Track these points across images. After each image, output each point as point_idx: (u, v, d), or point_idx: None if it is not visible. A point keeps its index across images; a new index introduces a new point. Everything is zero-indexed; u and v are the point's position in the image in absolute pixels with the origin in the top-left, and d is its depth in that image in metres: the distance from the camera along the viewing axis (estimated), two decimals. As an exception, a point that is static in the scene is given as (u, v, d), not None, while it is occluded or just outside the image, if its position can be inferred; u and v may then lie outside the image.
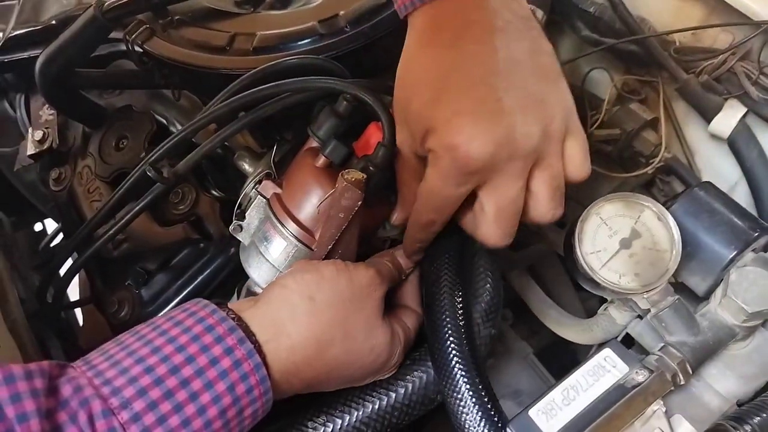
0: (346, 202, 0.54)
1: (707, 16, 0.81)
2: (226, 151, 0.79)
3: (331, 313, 0.53)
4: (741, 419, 0.50)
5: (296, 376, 0.51)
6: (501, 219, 0.51)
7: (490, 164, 0.48)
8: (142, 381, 0.44)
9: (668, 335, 0.54)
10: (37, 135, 0.83)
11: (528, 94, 0.48)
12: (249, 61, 0.66)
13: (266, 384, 0.48)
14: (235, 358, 0.47)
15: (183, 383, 0.44)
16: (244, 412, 0.47)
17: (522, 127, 0.47)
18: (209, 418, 0.45)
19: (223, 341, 0.47)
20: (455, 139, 0.47)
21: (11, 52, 0.84)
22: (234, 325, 0.48)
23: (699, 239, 0.56)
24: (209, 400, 0.45)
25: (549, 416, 0.49)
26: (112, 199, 0.68)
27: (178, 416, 0.43)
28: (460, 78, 0.48)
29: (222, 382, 0.46)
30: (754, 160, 0.78)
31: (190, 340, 0.46)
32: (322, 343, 0.52)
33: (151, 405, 0.43)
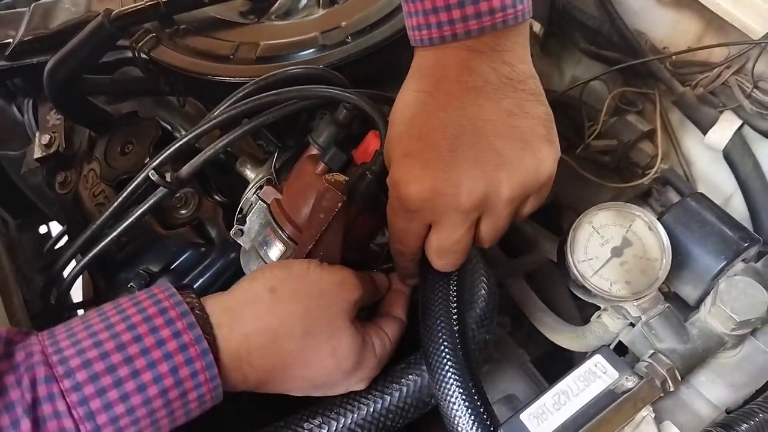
0: (326, 203, 0.56)
1: (703, 30, 0.82)
2: (228, 156, 0.80)
3: (292, 306, 0.53)
4: (729, 426, 0.50)
5: (249, 364, 0.51)
6: (442, 254, 0.55)
7: (431, 208, 0.51)
8: (89, 354, 0.45)
9: (658, 342, 0.55)
10: (44, 139, 0.85)
11: (486, 154, 0.50)
12: (252, 70, 0.68)
13: (213, 370, 0.48)
14: (181, 342, 0.47)
15: (127, 360, 0.45)
16: (188, 395, 0.48)
17: (466, 182, 0.49)
18: (149, 396, 0.46)
19: (173, 324, 0.48)
20: (399, 177, 0.52)
21: (21, 58, 0.85)
22: (186, 309, 0.49)
23: (690, 249, 0.57)
24: (150, 379, 0.46)
25: (540, 420, 0.50)
26: (116, 203, 0.70)
27: (118, 391, 0.45)
28: (424, 123, 0.51)
29: (165, 364, 0.46)
30: (748, 172, 0.79)
31: (142, 321, 0.47)
32: (278, 334, 0.52)
33: (93, 377, 0.44)
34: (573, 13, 0.90)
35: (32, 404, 0.43)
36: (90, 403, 0.44)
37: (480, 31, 0.49)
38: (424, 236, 0.55)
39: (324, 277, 0.56)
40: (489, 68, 0.51)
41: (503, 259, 0.89)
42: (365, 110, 0.59)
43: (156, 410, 0.46)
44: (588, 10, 0.89)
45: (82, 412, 0.44)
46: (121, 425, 0.45)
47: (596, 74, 0.89)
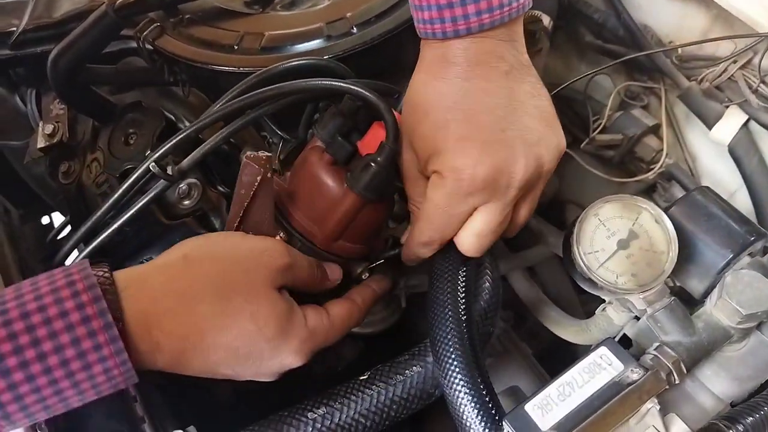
0: (246, 178, 0.56)
1: (710, 24, 0.82)
2: (232, 147, 0.80)
3: (203, 268, 0.52)
4: (734, 419, 0.50)
5: (159, 329, 0.49)
6: (484, 236, 0.57)
7: (491, 188, 0.53)
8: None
9: (663, 335, 0.55)
10: (48, 129, 0.84)
11: (527, 132, 0.54)
12: (256, 60, 0.67)
13: (113, 331, 0.46)
14: (84, 314, 0.45)
15: (29, 328, 0.44)
16: (88, 356, 0.45)
17: (521, 159, 0.53)
18: (49, 365, 0.44)
19: (78, 297, 0.46)
20: (462, 162, 0.53)
21: (24, 48, 0.85)
22: (94, 282, 0.47)
23: (696, 242, 0.57)
24: (51, 348, 0.44)
25: (545, 411, 0.50)
26: (118, 193, 0.69)
27: (17, 357, 0.43)
28: (469, 108, 0.53)
29: (67, 334, 0.45)
30: (754, 167, 0.79)
31: (50, 291, 0.46)
32: (187, 296, 0.50)
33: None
34: (579, 6, 0.89)
35: None
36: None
37: (491, 24, 0.52)
38: (464, 220, 0.57)
39: (244, 243, 0.55)
40: (511, 55, 0.55)
41: (506, 252, 0.89)
42: (370, 101, 0.58)
43: (57, 380, 0.45)
44: (594, 4, 0.89)
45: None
46: (21, 392, 0.44)
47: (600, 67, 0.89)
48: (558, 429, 0.49)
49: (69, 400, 0.47)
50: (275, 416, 0.58)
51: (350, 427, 0.57)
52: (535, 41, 0.75)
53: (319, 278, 0.60)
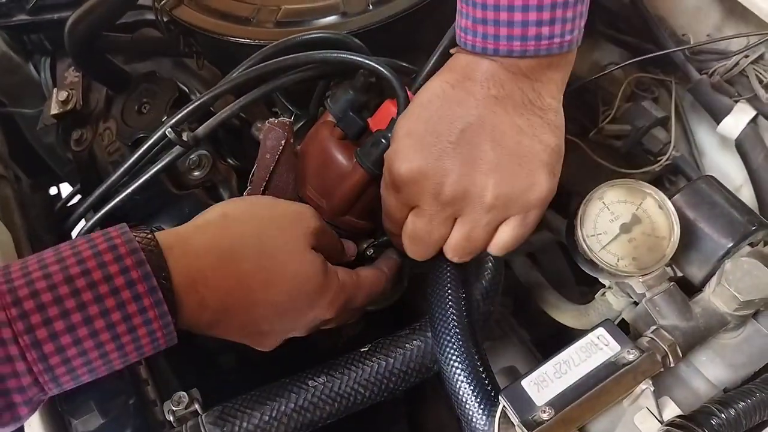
0: (270, 142, 0.58)
1: (724, 18, 0.82)
2: (243, 122, 0.81)
3: (243, 227, 0.54)
4: (726, 403, 0.51)
5: (205, 285, 0.50)
6: (414, 240, 0.58)
7: (413, 190, 0.54)
8: (38, 284, 0.45)
9: (661, 319, 0.55)
10: (62, 95, 0.85)
11: (484, 156, 0.52)
12: (272, 33, 0.68)
13: (157, 295, 0.47)
14: (129, 278, 0.46)
15: (74, 292, 0.45)
16: (133, 319, 0.46)
17: (454, 175, 0.52)
18: (95, 328, 0.45)
19: (122, 261, 0.47)
20: (394, 152, 0.55)
21: (41, 14, 0.86)
22: (137, 247, 0.48)
23: (698, 229, 0.57)
24: (97, 312, 0.45)
25: (540, 387, 0.51)
26: (131, 160, 0.70)
27: (64, 321, 0.44)
28: (435, 111, 0.53)
29: (113, 298, 0.46)
30: (760, 162, 0.79)
31: (92, 255, 0.47)
32: (230, 252, 0.52)
33: (39, 306, 0.44)
34: (594, -5, 0.89)
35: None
36: (36, 332, 0.44)
37: (522, 53, 0.51)
38: (406, 217, 0.57)
39: (279, 204, 0.57)
40: (516, 87, 0.53)
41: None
42: (384, 76, 0.59)
43: (104, 343, 0.46)
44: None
45: (29, 340, 0.44)
46: (69, 355, 0.45)
47: (614, 59, 0.89)
48: (553, 405, 0.50)
49: (113, 363, 0.48)
50: (277, 382, 0.59)
51: (349, 396, 0.59)
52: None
53: (339, 249, 0.62)
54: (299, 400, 0.58)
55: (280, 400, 0.58)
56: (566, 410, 0.49)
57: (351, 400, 0.59)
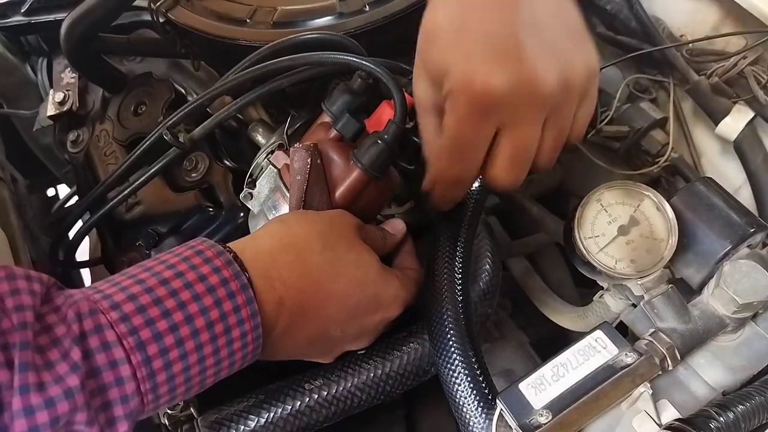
0: (297, 164, 0.58)
1: (722, 19, 0.82)
2: (239, 123, 0.81)
3: (302, 227, 0.55)
4: (725, 406, 0.51)
5: (281, 281, 0.51)
6: (515, 162, 0.52)
7: (510, 103, 0.48)
8: (133, 289, 0.45)
9: (659, 321, 0.55)
10: (58, 96, 0.85)
11: (551, 47, 0.49)
12: (268, 35, 0.68)
13: (253, 306, 0.48)
14: (221, 277, 0.48)
15: (172, 293, 0.46)
16: (232, 332, 0.48)
17: (542, 74, 0.47)
18: (196, 328, 0.46)
19: (211, 262, 0.48)
20: (473, 74, 0.47)
21: (38, 14, 0.85)
22: (221, 249, 0.50)
23: (696, 231, 0.57)
24: (197, 310, 0.46)
25: (538, 390, 0.51)
26: (128, 161, 0.70)
27: (166, 321, 0.45)
28: (481, 25, 0.49)
29: (210, 296, 0.47)
30: (758, 164, 0.79)
31: (181, 261, 0.48)
32: (300, 248, 0.53)
33: (140, 308, 0.44)
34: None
35: (79, 336, 0.42)
36: (140, 333, 0.44)
37: None
38: (489, 144, 0.52)
39: (324, 215, 0.58)
40: None
41: (506, 239, 0.89)
42: (381, 78, 0.59)
43: (203, 345, 0.46)
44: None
45: (133, 342, 0.43)
46: (171, 358, 0.45)
47: (612, 60, 0.89)
48: (550, 408, 0.50)
49: (207, 371, 0.48)
50: (273, 386, 0.59)
51: (346, 399, 0.58)
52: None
53: (381, 239, 0.62)
54: (296, 403, 0.57)
55: (277, 403, 0.57)
56: (564, 414, 0.49)
57: (348, 403, 0.58)
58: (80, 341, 0.42)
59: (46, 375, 0.40)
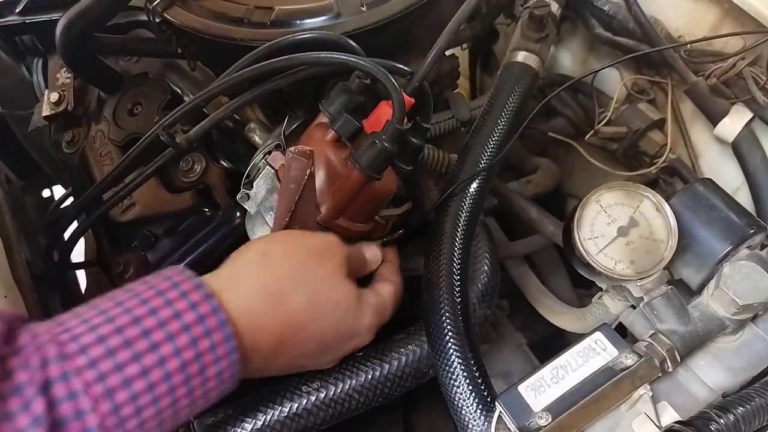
0: (294, 172, 0.57)
1: (720, 20, 0.81)
2: (236, 124, 0.80)
3: (286, 264, 0.53)
4: (725, 408, 0.51)
5: (259, 329, 0.49)
6: None
7: None
8: (102, 330, 0.42)
9: (659, 323, 0.55)
10: (53, 97, 0.85)
11: None
12: (266, 34, 0.67)
13: (231, 342, 0.46)
14: (198, 314, 0.45)
15: (144, 333, 0.43)
16: (207, 371, 0.45)
17: None
18: (169, 371, 0.43)
19: (187, 296, 0.46)
20: None
21: (33, 14, 0.85)
22: (200, 281, 0.48)
23: (695, 232, 0.57)
24: (170, 352, 0.43)
25: (537, 392, 0.50)
26: (124, 162, 0.70)
27: (137, 365, 0.42)
28: None
29: (184, 335, 0.44)
30: (756, 165, 0.79)
31: (155, 295, 0.45)
32: (279, 291, 0.51)
33: (109, 352, 0.41)
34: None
35: (44, 385, 0.39)
36: (108, 380, 0.41)
37: None
38: None
39: (308, 239, 0.57)
40: None
41: (505, 240, 0.89)
42: (379, 78, 0.58)
43: (176, 387, 0.44)
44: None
45: (100, 390, 0.40)
46: (141, 404, 0.42)
47: (610, 60, 0.89)
48: (550, 411, 0.49)
49: (180, 411, 0.45)
50: (269, 388, 0.59)
51: (344, 402, 0.58)
52: (541, 27, 0.74)
53: (363, 261, 0.62)
54: (292, 406, 0.57)
55: (273, 406, 0.57)
56: (564, 416, 0.49)
57: (345, 406, 0.58)
58: (44, 391, 0.39)
59: (5, 427, 0.37)
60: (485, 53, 1.12)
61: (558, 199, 0.98)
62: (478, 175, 0.64)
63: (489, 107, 0.68)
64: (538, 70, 0.72)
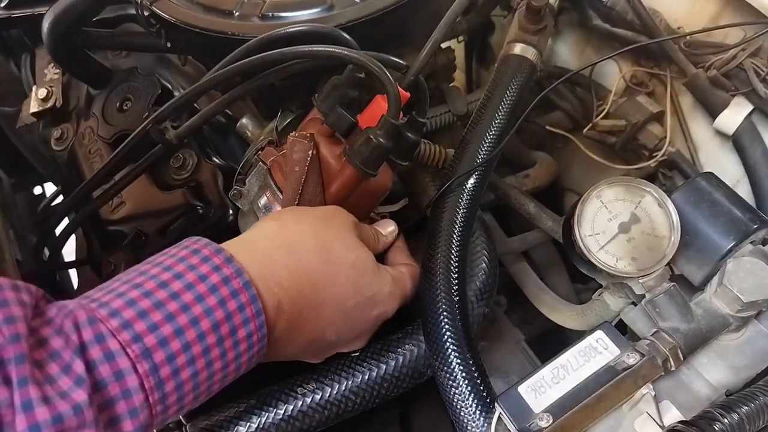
0: (296, 155, 0.56)
1: (720, 10, 0.80)
2: (229, 119, 0.79)
3: (298, 226, 0.54)
4: (729, 407, 0.50)
5: (278, 284, 0.49)
6: None
7: None
8: (131, 294, 0.43)
9: (661, 321, 0.54)
10: (41, 93, 0.83)
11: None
12: (257, 27, 0.66)
13: (257, 304, 0.46)
14: (223, 275, 0.46)
15: (173, 295, 0.43)
16: (238, 332, 0.45)
17: None
18: (202, 330, 0.43)
19: (210, 260, 0.46)
20: None
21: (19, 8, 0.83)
22: (219, 246, 0.48)
23: (698, 228, 0.56)
24: (201, 311, 0.44)
25: (538, 393, 0.49)
26: (113, 159, 0.68)
27: (171, 325, 0.42)
28: None
29: (213, 296, 0.45)
30: (757, 158, 0.77)
31: (177, 261, 0.46)
32: (295, 249, 0.52)
33: (141, 314, 0.42)
34: (587, -12, 0.87)
35: (80, 347, 0.39)
36: (144, 340, 0.41)
37: None
38: None
39: (316, 210, 0.57)
40: None
41: (503, 236, 0.88)
42: (374, 72, 0.57)
43: (210, 348, 0.44)
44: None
45: (138, 350, 0.40)
46: (179, 364, 0.42)
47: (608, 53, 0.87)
48: (551, 412, 0.49)
49: (215, 376, 0.46)
50: (265, 390, 0.57)
51: (340, 403, 0.57)
52: (539, 19, 0.73)
53: (375, 238, 0.61)
54: (288, 408, 0.56)
55: (268, 408, 0.56)
56: (565, 417, 0.48)
57: (342, 407, 0.57)
58: (81, 353, 0.39)
59: (48, 389, 0.37)
60: (481, 46, 1.10)
61: (556, 194, 0.97)
62: (476, 170, 0.63)
63: (486, 101, 0.66)
64: (536, 62, 0.71)
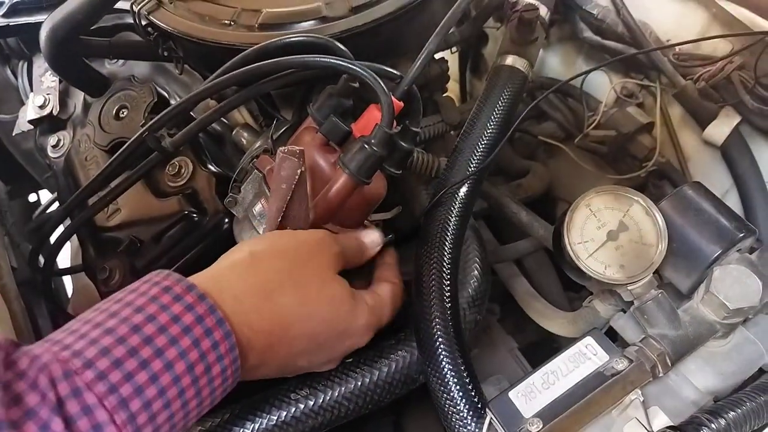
0: (285, 172, 0.56)
1: (708, 23, 0.82)
2: (224, 128, 0.79)
3: (273, 262, 0.53)
4: (716, 413, 0.50)
5: (249, 327, 0.49)
6: None
7: None
8: (104, 341, 0.42)
9: (650, 327, 0.55)
10: (38, 100, 0.84)
11: None
12: (253, 37, 0.66)
13: (231, 339, 0.46)
14: (196, 314, 0.45)
15: (146, 340, 0.43)
16: (212, 370, 0.45)
17: None
18: (177, 374, 0.43)
19: (182, 299, 0.45)
20: None
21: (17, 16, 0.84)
22: (191, 283, 0.47)
23: (685, 236, 0.56)
24: (176, 354, 0.43)
25: (528, 398, 0.50)
26: (109, 166, 0.69)
27: (146, 372, 0.42)
28: None
29: (186, 338, 0.44)
30: (745, 168, 0.79)
31: (148, 301, 0.45)
32: (267, 290, 0.51)
33: (116, 363, 0.41)
34: (578, 1, 0.89)
35: (57, 403, 0.38)
36: (120, 390, 0.40)
37: None
38: None
39: (299, 237, 0.56)
40: None
41: (495, 244, 0.89)
42: (368, 81, 0.58)
43: (185, 389, 0.44)
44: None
45: (114, 401, 0.40)
46: (154, 410, 0.42)
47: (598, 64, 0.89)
48: (541, 416, 0.49)
49: (190, 412, 0.45)
50: (258, 396, 0.58)
51: (333, 409, 0.57)
52: (530, 31, 0.74)
53: (360, 252, 0.61)
54: (281, 414, 0.56)
55: (261, 414, 0.56)
56: (555, 422, 0.48)
57: (335, 413, 0.57)
58: (59, 410, 0.38)
59: None
60: (475, 57, 1.12)
61: (548, 203, 0.98)
62: (468, 179, 0.63)
63: (478, 111, 0.67)
64: (527, 73, 0.72)
